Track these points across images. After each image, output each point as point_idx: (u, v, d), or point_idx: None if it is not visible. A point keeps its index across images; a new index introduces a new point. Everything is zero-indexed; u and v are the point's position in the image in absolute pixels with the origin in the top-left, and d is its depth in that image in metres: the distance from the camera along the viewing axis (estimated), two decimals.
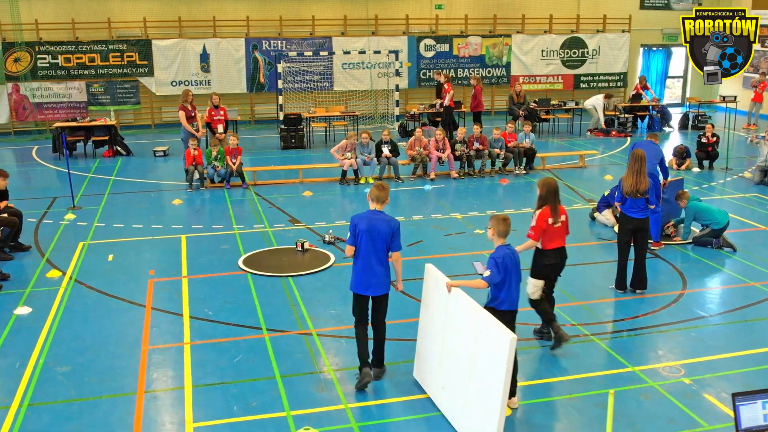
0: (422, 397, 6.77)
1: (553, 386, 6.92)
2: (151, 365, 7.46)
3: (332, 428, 6.27)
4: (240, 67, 23.37)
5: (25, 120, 22.28)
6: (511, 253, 6.41)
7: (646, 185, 8.78)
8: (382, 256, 6.75)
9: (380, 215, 6.78)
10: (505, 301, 6.38)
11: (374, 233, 6.68)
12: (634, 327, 8.23)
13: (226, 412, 6.57)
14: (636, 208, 8.88)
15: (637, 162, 8.87)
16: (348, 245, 6.83)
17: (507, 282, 6.33)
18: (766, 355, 7.53)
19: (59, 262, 10.65)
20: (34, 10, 21.85)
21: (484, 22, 24.56)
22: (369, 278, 6.76)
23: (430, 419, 6.41)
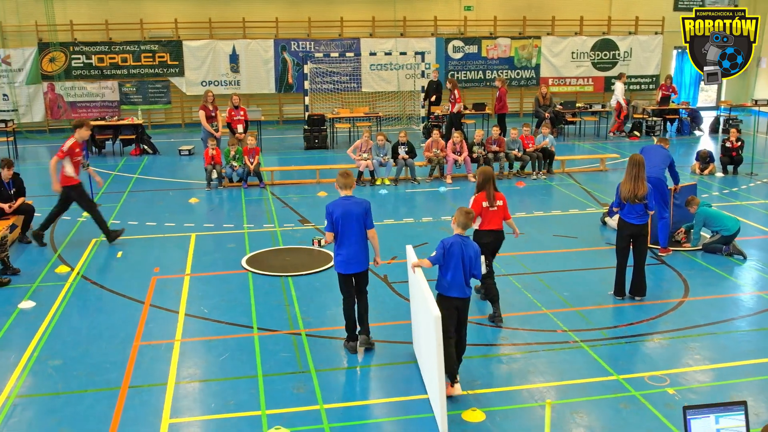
0: (400, 399, 6.77)
1: (532, 392, 6.84)
2: (140, 361, 7.60)
3: (304, 428, 6.31)
4: (269, 67, 23.63)
5: (59, 118, 22.87)
6: (462, 242, 6.74)
7: (644, 191, 8.63)
8: (359, 237, 7.37)
9: (352, 199, 7.39)
10: (451, 287, 6.70)
11: (349, 217, 7.29)
12: (626, 334, 8.08)
13: (203, 409, 6.66)
14: (634, 213, 8.74)
15: (635, 167, 8.71)
16: (327, 232, 7.43)
17: (452, 268, 6.66)
18: (757, 366, 7.32)
19: (70, 258, 10.91)
20: (69, 11, 22.41)
21: (513, 23, 24.37)
22: (350, 258, 7.38)
23: (404, 422, 6.40)
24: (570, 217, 12.86)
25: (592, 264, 10.41)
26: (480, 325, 8.33)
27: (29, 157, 19.67)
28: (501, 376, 7.17)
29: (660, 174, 10.35)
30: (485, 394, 6.81)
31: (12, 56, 22.27)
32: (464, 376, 7.10)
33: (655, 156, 10.46)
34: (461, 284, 6.73)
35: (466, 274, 6.73)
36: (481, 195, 8.32)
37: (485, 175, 8.39)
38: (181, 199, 14.54)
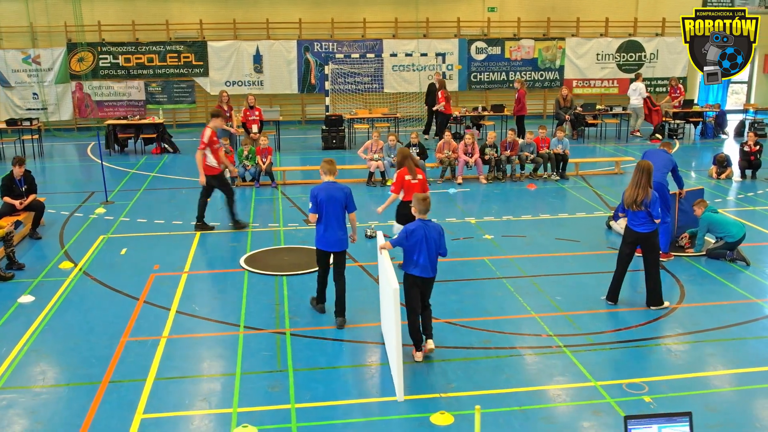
0: (372, 400, 6.77)
1: (505, 397, 6.79)
2: (124, 356, 7.72)
3: (272, 427, 6.35)
4: (292, 68, 23.83)
5: (86, 117, 23.36)
6: (425, 226, 7.28)
7: (643, 197, 8.44)
8: (340, 219, 8.14)
9: (335, 185, 8.15)
10: (416, 266, 7.29)
11: (332, 200, 8.05)
12: (612, 340, 7.97)
13: (177, 405, 6.74)
14: (636, 220, 8.59)
15: (639, 173, 8.58)
16: (311, 213, 8.17)
17: (417, 250, 7.24)
18: (741, 376, 7.16)
19: (75, 254, 11.14)
20: (97, 12, 22.89)
21: (537, 25, 24.17)
22: (330, 237, 8.14)
23: (372, 423, 6.40)
24: (576, 221, 12.71)
25: (591, 268, 10.28)
26: (464, 328, 8.29)
27: (57, 155, 20.12)
28: (477, 380, 7.12)
29: (662, 178, 10.13)
30: (458, 397, 6.78)
31: (42, 56, 22.83)
32: (440, 379, 7.10)
33: (656, 160, 10.24)
34: (426, 265, 7.28)
35: (432, 254, 7.29)
36: (404, 170, 9.74)
37: (403, 153, 9.97)
38: (192, 198, 14.67)
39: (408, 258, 7.34)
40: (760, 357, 7.55)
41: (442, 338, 8.04)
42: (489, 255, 10.84)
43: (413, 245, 7.24)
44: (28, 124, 19.12)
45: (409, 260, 7.33)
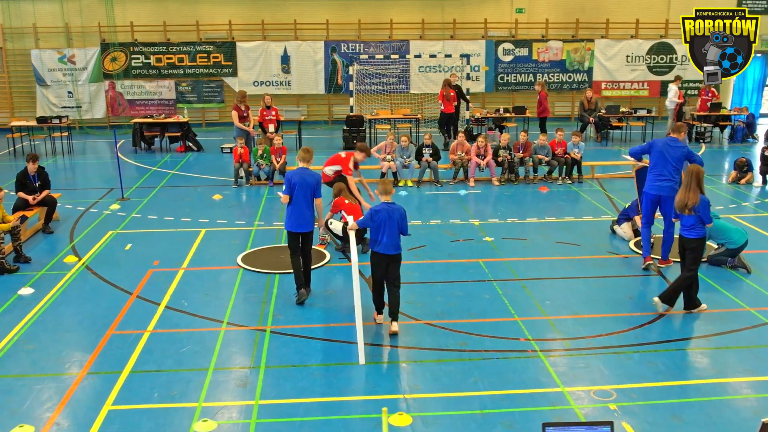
0: (332, 399, 6.81)
1: (469, 400, 6.76)
2: (106, 349, 7.91)
3: (232, 422, 6.45)
4: (318, 68, 24.02)
5: (118, 115, 23.92)
6: (388, 208, 7.96)
7: (694, 201, 8.31)
8: (309, 202, 8.83)
9: (308, 171, 8.88)
10: (379, 245, 7.97)
11: (304, 185, 8.75)
12: (591, 346, 7.86)
13: (146, 398, 6.89)
14: (686, 224, 8.49)
15: (689, 176, 8.42)
16: (284, 195, 8.83)
17: (381, 230, 7.91)
18: (715, 386, 6.99)
19: (82, 248, 11.44)
20: (130, 13, 23.42)
21: (566, 26, 23.90)
22: (300, 219, 8.81)
23: (333, 421, 6.44)
24: (582, 224, 12.55)
25: (586, 273, 10.14)
26: (443, 330, 8.27)
27: (85, 152, 20.65)
28: (444, 382, 7.10)
29: (674, 178, 9.69)
30: (422, 399, 6.78)
31: (76, 56, 23.47)
32: (407, 380, 7.12)
33: (666, 153, 9.70)
34: (389, 243, 7.97)
35: (394, 233, 7.96)
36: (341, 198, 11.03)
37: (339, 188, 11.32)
38: (206, 196, 14.98)
39: (373, 237, 8.04)
40: (737, 368, 7.37)
41: (419, 339, 8.06)
42: (485, 257, 10.78)
43: (377, 225, 7.94)
44: (58, 122, 19.64)
45: (374, 239, 8.03)
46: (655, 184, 9.82)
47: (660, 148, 9.77)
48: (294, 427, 6.39)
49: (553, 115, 24.23)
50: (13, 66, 23.70)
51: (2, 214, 10.70)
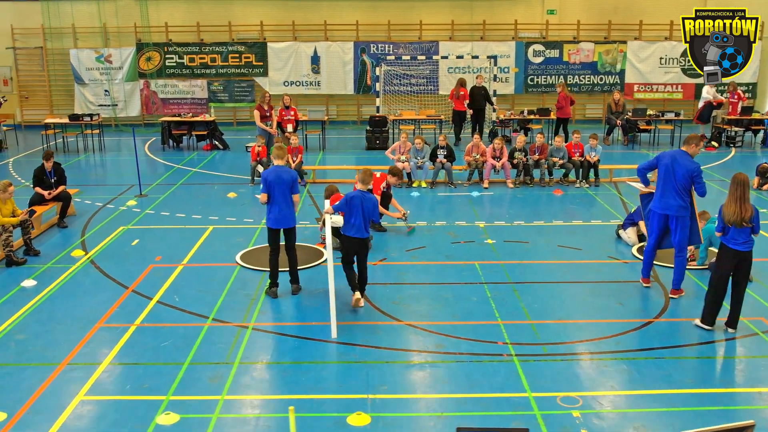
0: (295, 397, 6.87)
1: (431, 402, 6.74)
2: (91, 341, 8.12)
3: (194, 416, 6.56)
4: (348, 69, 24.14)
5: (152, 114, 24.44)
6: (362, 196, 8.68)
7: (750, 212, 7.80)
8: (287, 199, 8.99)
9: (283, 168, 9.04)
10: (351, 228, 8.70)
11: (280, 181, 8.91)
12: (568, 352, 7.74)
13: (118, 389, 7.06)
14: (741, 238, 7.88)
15: (740, 187, 7.89)
16: (262, 193, 9.03)
17: (354, 215, 8.63)
18: (687, 396, 6.82)
19: (92, 243, 11.75)
20: (164, 13, 23.91)
21: (598, 27, 23.53)
22: (279, 215, 8.99)
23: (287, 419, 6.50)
24: (588, 228, 12.36)
25: (581, 278, 9.99)
26: (424, 332, 8.26)
27: (116, 149, 21.15)
28: (411, 383, 7.10)
29: (682, 197, 8.82)
30: (385, 400, 6.79)
31: (113, 55, 24.07)
32: (376, 380, 7.13)
33: (674, 168, 8.85)
34: (360, 227, 8.68)
35: (365, 219, 8.69)
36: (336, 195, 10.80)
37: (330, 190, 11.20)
38: (221, 193, 15.21)
39: (346, 221, 8.74)
40: (714, 379, 7.18)
41: (396, 340, 8.07)
42: (481, 259, 10.71)
43: (351, 210, 8.65)
44: (89, 120, 20.18)
45: (347, 223, 8.74)
46: (663, 201, 8.93)
47: (667, 162, 8.88)
48: (254, 422, 6.47)
49: (584, 118, 23.97)
50: (53, 65, 24.42)
51: (12, 208, 11.05)
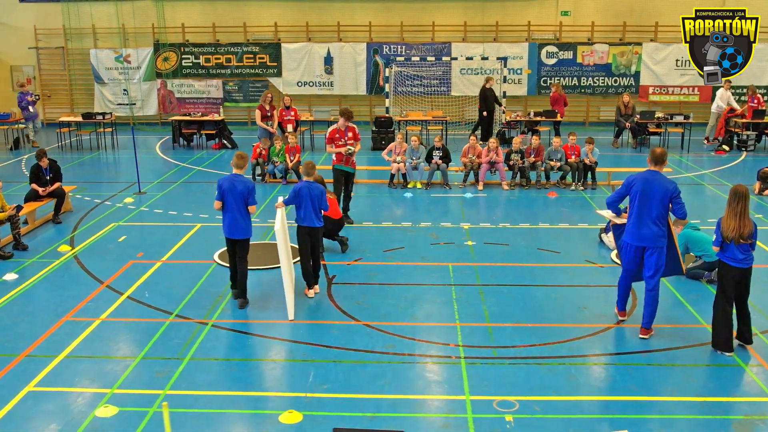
0: (234, 393, 6.96)
1: (366, 402, 6.75)
2: (55, 334, 8.32)
3: (133, 409, 6.68)
4: (360, 70, 24.22)
5: (169, 113, 24.83)
6: (308, 186, 8.98)
7: (750, 229, 7.46)
8: (242, 209, 8.79)
9: (240, 178, 8.86)
10: (304, 219, 9.02)
11: (234, 190, 8.74)
12: (518, 356, 7.69)
13: (67, 382, 7.22)
14: (740, 255, 7.52)
15: (741, 201, 7.48)
16: (216, 201, 8.93)
17: (304, 206, 8.95)
18: (627, 404, 6.73)
19: (80, 238, 12.01)
20: (181, 14, 24.29)
21: (613, 29, 23.23)
22: (231, 225, 8.83)
23: (229, 415, 6.59)
24: (572, 231, 12.23)
25: (551, 281, 9.90)
26: (378, 332, 8.28)
27: (129, 147, 21.49)
28: (353, 383, 7.12)
29: (660, 224, 7.81)
30: (321, 399, 6.83)
31: (131, 55, 24.52)
32: (319, 379, 7.17)
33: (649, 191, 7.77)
34: (311, 217, 8.98)
35: (315, 208, 8.98)
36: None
37: None
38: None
39: (297, 212, 9.03)
40: (660, 387, 7.06)
41: (349, 340, 8.10)
42: (456, 261, 10.68)
43: (300, 201, 8.94)
44: (102, 118, 20.60)
45: (297, 214, 9.03)
46: (637, 231, 7.87)
47: (640, 188, 7.81)
48: (188, 417, 6.57)
49: (598, 120, 23.73)
50: (74, 64, 24.98)
51: (1, 203, 11.35)
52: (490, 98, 20.18)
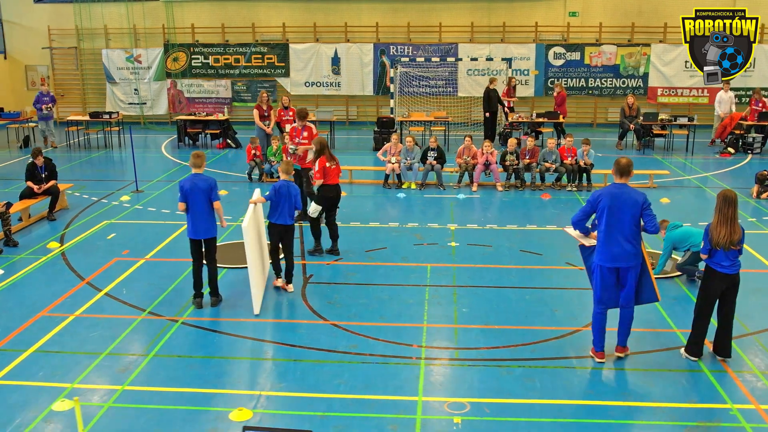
0: (189, 390, 7.03)
1: (319, 401, 6.79)
2: (28, 329, 8.46)
3: (91, 403, 6.78)
4: (367, 70, 24.28)
5: (178, 112, 25.08)
6: (287, 185, 9.26)
7: (739, 235, 7.26)
8: (206, 208, 8.81)
9: (200, 176, 8.86)
10: (278, 217, 9.26)
11: (197, 190, 8.75)
12: (478, 357, 7.68)
13: (31, 375, 7.34)
14: (728, 261, 7.28)
15: (730, 207, 7.25)
16: (180, 203, 8.87)
17: (281, 204, 9.18)
18: (579, 408, 6.69)
19: (72, 235, 12.19)
20: (191, 15, 24.54)
21: (621, 30, 23.03)
22: (196, 226, 8.84)
23: (172, 411, 6.67)
24: (558, 234, 12.13)
25: (528, 283, 9.86)
26: (344, 331, 8.31)
27: (136, 146, 21.76)
28: (308, 382, 7.16)
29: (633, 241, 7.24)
30: (275, 397, 6.88)
31: (142, 55, 24.82)
32: (276, 377, 7.23)
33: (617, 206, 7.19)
34: (286, 215, 9.26)
35: (291, 207, 9.27)
36: (324, 158, 10.67)
37: (321, 142, 10.90)
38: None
39: (273, 209, 9.26)
40: (617, 391, 7.02)
41: (314, 339, 8.15)
42: (436, 262, 10.68)
43: (279, 199, 9.20)
44: (108, 117, 20.89)
45: (274, 211, 9.25)
46: (609, 250, 7.25)
47: (607, 203, 7.21)
48: (142, 412, 6.66)
49: (606, 122, 23.52)
50: (86, 64, 25.34)
51: None
52: (494, 99, 20.11)
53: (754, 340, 8.13)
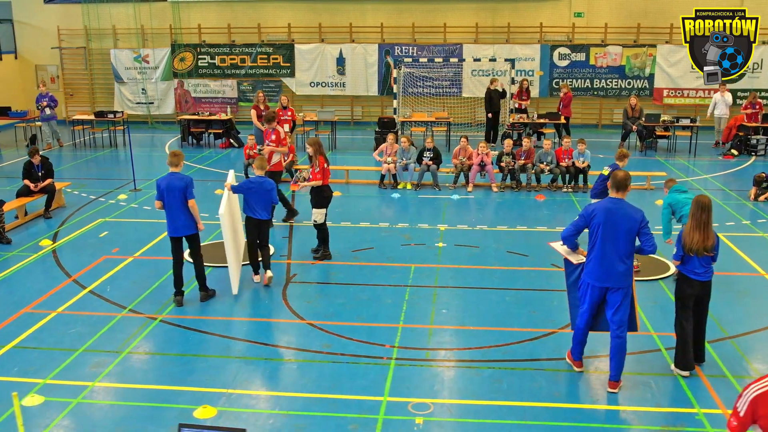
0: (159, 387, 7.09)
1: (282, 400, 6.83)
2: (10, 325, 8.58)
3: (59, 399, 6.87)
4: (372, 71, 24.29)
5: (185, 112, 25.25)
6: (260, 180, 9.56)
7: (713, 241, 7.14)
8: (182, 206, 8.89)
9: (177, 175, 8.93)
10: (254, 212, 9.56)
11: (172, 188, 8.84)
12: (448, 358, 7.69)
13: (5, 371, 7.45)
14: (702, 268, 7.17)
15: (704, 212, 7.09)
16: (156, 200, 9.04)
17: (254, 198, 9.48)
18: (542, 410, 6.67)
19: (65, 233, 12.33)
20: (197, 16, 24.69)
21: (627, 31, 22.85)
22: (174, 223, 8.96)
23: (138, 408, 6.73)
24: (548, 234, 12.06)
25: (511, 285, 9.83)
26: (319, 331, 8.35)
27: (140, 145, 21.98)
28: (274, 381, 7.22)
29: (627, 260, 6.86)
30: (241, 395, 6.93)
31: (149, 55, 25.02)
32: (243, 375, 7.27)
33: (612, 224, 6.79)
34: (260, 209, 9.54)
35: (266, 202, 9.55)
36: (322, 158, 10.64)
37: (317, 142, 10.83)
38: (210, 190, 15.63)
39: (247, 204, 9.55)
40: (584, 394, 6.99)
41: (288, 339, 8.20)
42: (420, 262, 10.68)
43: (252, 194, 9.43)
44: (113, 117, 21.09)
45: (248, 206, 9.55)
46: (600, 270, 6.88)
47: (602, 219, 6.82)
48: (112, 409, 6.74)
49: (612, 123, 23.36)
50: (95, 64, 25.58)
51: None
52: (495, 100, 20.06)
53: (730, 344, 8.06)
